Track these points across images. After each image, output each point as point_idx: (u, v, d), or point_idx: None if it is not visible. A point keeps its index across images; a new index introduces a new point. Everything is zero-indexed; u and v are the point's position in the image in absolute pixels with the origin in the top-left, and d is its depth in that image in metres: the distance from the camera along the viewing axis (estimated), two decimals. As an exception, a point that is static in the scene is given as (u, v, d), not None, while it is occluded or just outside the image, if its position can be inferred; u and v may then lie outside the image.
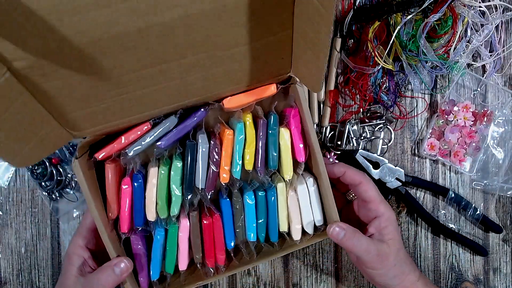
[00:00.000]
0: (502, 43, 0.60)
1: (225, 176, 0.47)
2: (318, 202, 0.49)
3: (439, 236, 0.62)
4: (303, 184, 0.49)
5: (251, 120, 0.47)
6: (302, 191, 0.49)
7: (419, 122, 0.62)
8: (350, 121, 0.59)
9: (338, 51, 0.58)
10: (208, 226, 0.48)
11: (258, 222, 0.49)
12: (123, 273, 0.43)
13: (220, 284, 0.61)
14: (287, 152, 0.47)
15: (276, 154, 0.47)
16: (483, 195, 0.62)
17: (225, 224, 0.49)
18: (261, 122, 0.46)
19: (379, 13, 0.54)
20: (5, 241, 0.60)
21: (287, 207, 0.49)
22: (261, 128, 0.46)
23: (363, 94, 0.58)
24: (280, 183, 0.48)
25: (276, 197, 0.49)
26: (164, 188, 0.46)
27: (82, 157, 0.44)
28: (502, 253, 0.63)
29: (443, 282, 0.62)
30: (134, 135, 0.46)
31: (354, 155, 0.59)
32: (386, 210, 0.47)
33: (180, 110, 0.46)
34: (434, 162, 0.62)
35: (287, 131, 0.47)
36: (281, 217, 0.49)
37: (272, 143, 0.47)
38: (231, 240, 0.49)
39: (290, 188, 0.49)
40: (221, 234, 0.49)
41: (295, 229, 0.49)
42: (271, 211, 0.49)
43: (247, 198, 0.48)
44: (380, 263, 0.45)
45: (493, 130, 0.60)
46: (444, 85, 0.61)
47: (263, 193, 0.48)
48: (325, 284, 0.62)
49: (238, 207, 0.48)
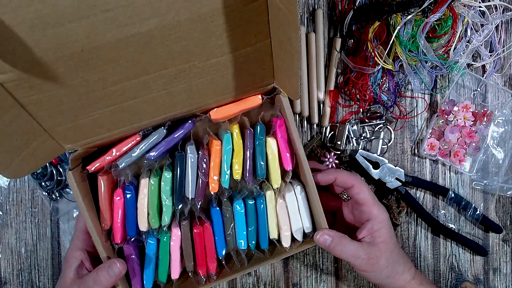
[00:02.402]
0: (502, 43, 0.60)
1: (214, 186, 0.48)
2: (307, 209, 0.50)
3: (439, 236, 0.62)
4: (291, 191, 0.49)
5: (238, 130, 0.48)
6: (290, 199, 0.49)
7: (419, 122, 0.62)
8: (350, 121, 0.59)
9: (338, 51, 0.58)
10: (199, 235, 0.49)
11: (248, 230, 0.50)
12: (117, 274, 0.44)
13: (220, 285, 0.61)
14: (274, 161, 0.48)
15: (264, 163, 0.48)
16: (483, 195, 0.62)
17: (216, 232, 0.49)
18: (248, 132, 0.48)
19: (379, 13, 0.54)
20: (5, 241, 0.60)
21: (276, 214, 0.50)
22: (248, 139, 0.48)
23: (363, 94, 0.58)
24: (268, 191, 0.49)
25: (265, 205, 0.49)
26: (155, 199, 0.47)
27: (75, 169, 0.45)
28: (502, 253, 0.63)
29: (443, 282, 0.62)
30: (125, 147, 0.47)
31: (354, 155, 0.59)
32: (379, 212, 0.47)
33: (168, 122, 0.47)
34: (434, 162, 0.62)
35: (274, 141, 0.48)
36: (270, 224, 0.50)
37: (260, 152, 0.48)
38: (222, 248, 0.50)
39: (278, 196, 0.49)
40: (212, 242, 0.49)
41: (285, 236, 0.50)
42: (261, 218, 0.50)
43: (237, 206, 0.49)
44: (370, 266, 0.46)
45: (493, 130, 0.60)
46: (444, 85, 0.61)
47: (253, 201, 0.49)
48: (325, 284, 0.62)
49: (228, 215, 0.49)
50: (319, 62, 0.59)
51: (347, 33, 0.58)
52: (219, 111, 0.47)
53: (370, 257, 0.45)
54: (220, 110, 0.47)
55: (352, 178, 0.47)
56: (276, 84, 0.47)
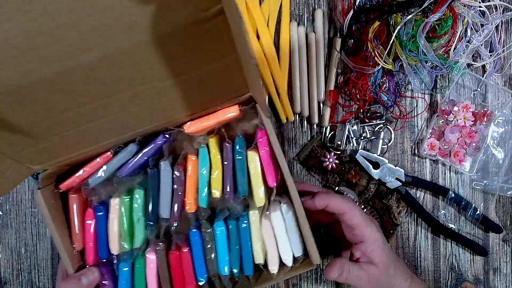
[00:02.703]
0: (502, 43, 0.60)
1: (191, 205, 0.44)
2: (296, 230, 0.46)
3: (439, 236, 0.62)
4: (278, 211, 0.45)
5: (215, 144, 0.45)
6: (276, 219, 0.45)
7: (419, 122, 0.62)
8: (350, 121, 0.59)
9: (338, 51, 0.58)
10: (175, 260, 0.45)
11: (230, 254, 0.45)
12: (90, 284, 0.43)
13: None
14: (257, 177, 0.44)
15: (245, 179, 0.44)
16: (483, 195, 0.62)
17: (195, 257, 0.45)
18: (226, 146, 0.44)
19: (379, 13, 0.54)
20: (5, 241, 0.60)
21: (261, 236, 0.46)
22: (227, 153, 0.44)
23: (363, 94, 0.58)
24: (251, 210, 0.45)
25: (248, 226, 0.45)
26: (126, 220, 0.44)
27: (46, 188, 0.43)
28: (502, 253, 0.63)
29: (443, 282, 0.62)
30: (95, 165, 0.45)
31: (354, 155, 0.59)
32: (372, 233, 0.46)
33: (138, 138, 0.44)
34: (434, 162, 0.62)
35: (255, 154, 0.44)
36: (255, 247, 0.46)
37: (240, 167, 0.44)
38: (202, 274, 0.45)
39: (263, 216, 0.45)
40: (190, 268, 0.45)
41: (271, 260, 0.46)
42: (244, 241, 0.45)
43: (217, 228, 0.45)
44: (371, 286, 0.46)
45: (493, 130, 0.60)
46: (444, 85, 0.61)
47: (234, 222, 0.45)
48: (325, 284, 0.62)
49: (208, 238, 0.45)
50: (319, 62, 0.59)
51: (347, 33, 0.58)
52: (193, 124, 0.44)
53: (370, 277, 0.46)
54: (195, 123, 0.44)
55: (344, 205, 0.45)
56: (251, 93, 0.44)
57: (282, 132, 0.61)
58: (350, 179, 0.60)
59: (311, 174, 0.61)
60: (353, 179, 0.60)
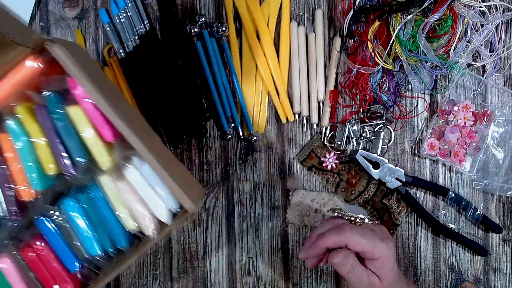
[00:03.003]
0: (502, 43, 0.60)
1: (27, 192, 0.38)
2: (162, 181, 0.39)
3: (439, 236, 0.62)
4: (130, 166, 0.39)
5: (25, 111, 0.37)
6: (132, 175, 0.39)
7: (419, 122, 0.62)
8: (350, 121, 0.59)
9: (338, 51, 0.58)
10: (34, 260, 0.39)
11: (97, 231, 0.40)
12: None
13: (220, 284, 0.61)
14: (90, 135, 0.37)
15: (76, 142, 0.37)
16: (483, 195, 0.62)
17: (56, 248, 0.40)
18: (37, 109, 0.37)
19: (379, 13, 0.54)
20: (5, 241, 0.59)
21: (122, 200, 0.40)
22: (42, 117, 0.36)
23: (363, 94, 0.58)
24: (100, 176, 0.39)
25: (103, 194, 0.39)
26: None
27: None
28: (502, 253, 0.63)
29: (443, 282, 0.62)
30: None
31: (354, 155, 0.59)
32: (382, 252, 0.44)
33: None
34: (434, 162, 0.62)
35: (77, 109, 0.37)
36: (121, 214, 0.40)
37: (64, 130, 0.36)
38: (72, 262, 0.40)
39: (117, 178, 0.39)
40: (53, 261, 0.40)
41: (145, 221, 0.40)
42: (105, 212, 0.40)
43: (67, 208, 0.39)
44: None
45: (493, 130, 0.60)
46: (444, 85, 0.61)
47: (86, 195, 0.39)
48: (325, 284, 0.62)
49: (62, 222, 0.39)
50: (319, 62, 0.59)
51: (347, 33, 0.58)
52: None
53: (371, 286, 0.45)
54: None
55: (368, 245, 0.43)
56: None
57: (282, 132, 0.61)
58: (350, 179, 0.60)
59: (311, 174, 0.61)
60: (353, 179, 0.60)
